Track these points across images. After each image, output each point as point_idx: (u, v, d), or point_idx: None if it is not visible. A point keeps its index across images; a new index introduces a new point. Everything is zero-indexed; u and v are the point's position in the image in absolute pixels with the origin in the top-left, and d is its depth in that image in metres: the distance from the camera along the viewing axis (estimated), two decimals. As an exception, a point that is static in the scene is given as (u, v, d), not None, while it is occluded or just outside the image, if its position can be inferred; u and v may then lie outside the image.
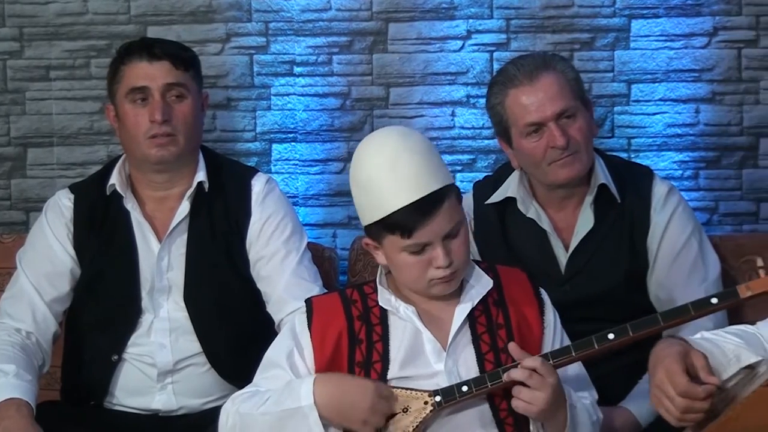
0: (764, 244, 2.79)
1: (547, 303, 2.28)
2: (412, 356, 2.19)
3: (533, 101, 2.55)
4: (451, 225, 2.14)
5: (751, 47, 3.10)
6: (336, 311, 2.23)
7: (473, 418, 2.17)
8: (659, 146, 3.14)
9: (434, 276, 2.16)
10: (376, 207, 2.15)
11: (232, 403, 2.19)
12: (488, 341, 2.21)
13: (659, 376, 1.86)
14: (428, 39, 3.16)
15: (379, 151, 2.17)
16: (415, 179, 2.12)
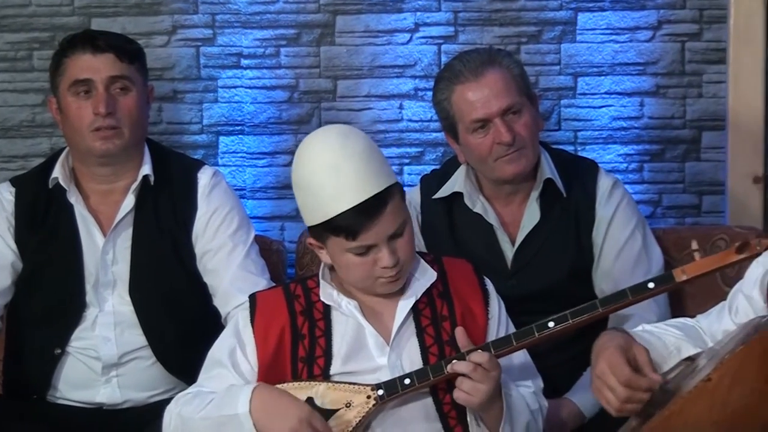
0: (706, 236, 2.82)
1: (491, 293, 2.29)
2: (355, 351, 2.19)
3: (479, 98, 2.56)
4: (395, 225, 2.14)
5: (694, 41, 3.13)
6: (279, 307, 2.22)
7: (416, 411, 2.18)
8: (605, 139, 3.16)
9: (380, 275, 2.16)
10: (319, 209, 2.14)
11: (176, 404, 2.19)
12: (432, 334, 2.21)
13: (601, 366, 1.87)
14: (376, 32, 3.16)
15: (320, 153, 2.14)
16: (358, 182, 2.11)
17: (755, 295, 1.98)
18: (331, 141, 2.15)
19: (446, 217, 2.71)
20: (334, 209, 2.11)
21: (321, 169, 2.12)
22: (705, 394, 1.68)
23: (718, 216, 3.11)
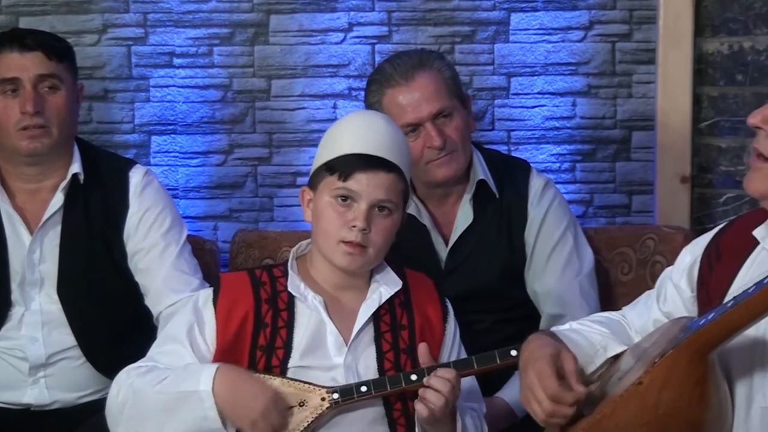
0: (635, 236, 2.86)
1: (450, 313, 2.30)
2: (314, 346, 2.18)
3: (409, 102, 2.56)
4: (385, 195, 2.17)
5: (624, 41, 3.15)
6: (245, 291, 2.20)
7: (366, 416, 2.18)
8: (538, 139, 3.18)
9: (346, 237, 2.15)
10: (331, 150, 2.19)
11: (127, 375, 2.14)
12: (390, 340, 2.21)
13: (530, 378, 1.89)
14: (310, 31, 3.15)
15: (362, 113, 2.33)
16: (380, 140, 2.18)
17: (683, 284, 2.01)
18: (379, 115, 2.30)
19: (379, 218, 2.71)
20: (344, 149, 2.17)
21: (356, 120, 2.24)
22: (636, 397, 1.70)
23: (647, 216, 3.14)
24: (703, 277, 1.96)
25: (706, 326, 1.67)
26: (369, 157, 2.16)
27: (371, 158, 2.16)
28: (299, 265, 2.26)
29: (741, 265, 1.89)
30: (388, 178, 2.17)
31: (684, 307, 2.00)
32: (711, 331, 1.67)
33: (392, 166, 2.17)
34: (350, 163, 2.15)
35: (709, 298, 1.91)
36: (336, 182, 2.16)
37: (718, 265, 1.94)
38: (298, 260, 2.27)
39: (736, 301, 1.64)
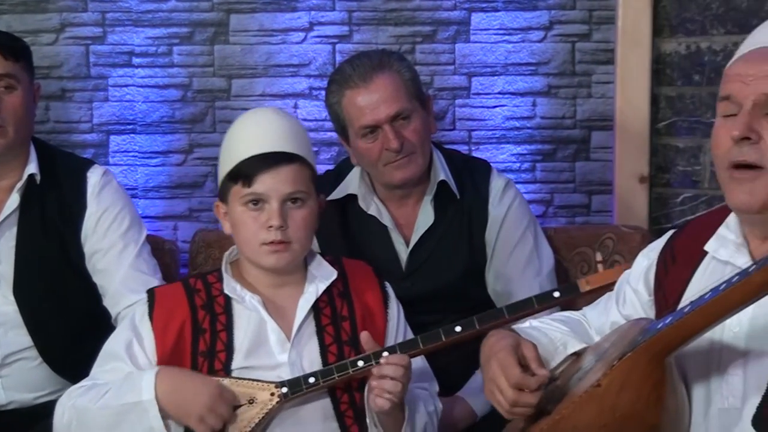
0: (595, 235, 2.88)
1: (391, 296, 2.31)
2: (257, 346, 2.19)
3: (367, 103, 2.56)
4: (292, 188, 2.17)
5: (584, 41, 3.16)
6: (179, 301, 2.21)
7: (315, 411, 2.18)
8: (498, 139, 3.19)
9: (265, 239, 2.16)
10: (230, 159, 2.19)
11: (68, 397, 2.14)
12: (332, 333, 2.22)
13: (493, 369, 1.89)
14: (270, 30, 3.14)
15: (252, 112, 2.27)
16: (272, 135, 2.18)
17: (640, 288, 2.03)
18: (266, 109, 2.31)
19: (340, 219, 2.71)
20: (242, 155, 2.17)
21: (245, 123, 2.23)
22: (594, 399, 1.72)
23: (606, 215, 3.16)
24: (660, 279, 1.98)
25: (664, 330, 1.69)
26: (265, 155, 2.16)
27: (268, 156, 2.16)
28: (232, 269, 2.26)
29: (694, 272, 1.91)
30: (291, 169, 2.17)
31: (642, 310, 2.02)
32: (668, 335, 1.69)
33: (292, 157, 2.18)
34: (249, 167, 2.16)
35: (666, 300, 1.93)
36: (242, 190, 2.17)
37: (674, 268, 1.96)
38: (231, 265, 2.27)
39: (693, 306, 1.66)
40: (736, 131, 1.74)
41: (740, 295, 1.59)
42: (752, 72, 1.76)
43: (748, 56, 1.80)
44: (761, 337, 1.73)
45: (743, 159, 1.75)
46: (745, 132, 1.73)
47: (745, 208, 1.76)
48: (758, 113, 1.74)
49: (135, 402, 2.08)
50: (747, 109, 1.75)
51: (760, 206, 1.75)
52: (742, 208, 1.77)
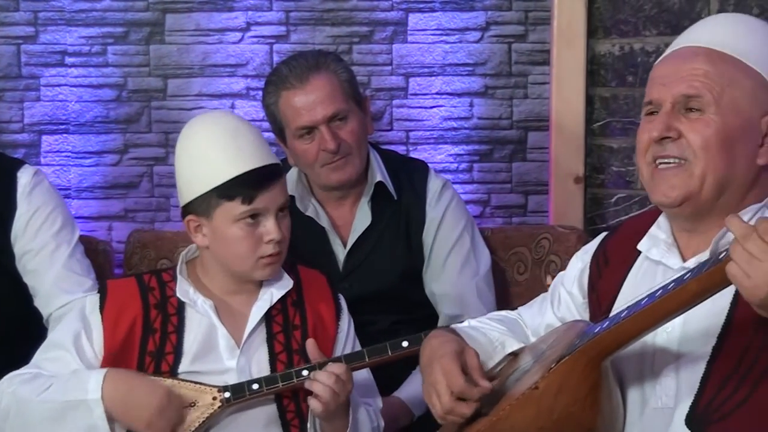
0: (531, 236, 2.89)
1: (343, 308, 2.31)
2: (205, 351, 2.17)
3: (304, 104, 2.56)
4: (284, 198, 2.18)
5: (520, 42, 3.17)
6: (132, 296, 2.19)
7: (259, 417, 2.18)
8: (436, 139, 3.19)
9: (264, 253, 2.15)
10: (213, 174, 2.14)
11: (9, 382, 2.10)
12: (283, 341, 2.22)
13: (435, 374, 1.90)
14: (207, 30, 3.12)
15: (216, 123, 2.20)
16: (257, 148, 2.17)
17: (575, 290, 2.05)
18: (225, 114, 2.33)
19: (278, 219, 2.70)
20: (232, 172, 2.13)
21: (220, 136, 2.17)
22: (532, 402, 1.73)
23: (542, 215, 3.18)
24: (593, 282, 2.00)
25: (601, 335, 1.71)
26: (259, 170, 2.15)
27: (265, 170, 2.16)
28: (189, 269, 2.25)
29: (627, 273, 1.93)
30: (281, 181, 2.19)
31: (577, 312, 2.04)
32: (605, 339, 1.71)
33: (277, 169, 2.19)
34: (249, 185, 2.14)
35: (600, 303, 1.96)
36: (239, 207, 2.14)
37: (606, 270, 1.98)
38: (188, 264, 2.25)
39: (629, 311, 1.68)
40: (656, 132, 1.79)
41: (675, 303, 1.62)
42: (670, 74, 1.82)
43: (667, 60, 1.86)
44: (693, 338, 1.76)
45: (665, 155, 1.80)
46: (664, 132, 1.78)
47: (668, 202, 1.80)
48: (676, 112, 1.79)
49: (80, 400, 2.05)
50: (666, 110, 1.80)
51: (681, 199, 1.79)
52: (665, 202, 1.81)
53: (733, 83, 1.80)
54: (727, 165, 1.78)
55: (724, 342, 1.72)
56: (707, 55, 1.81)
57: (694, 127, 1.78)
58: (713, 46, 1.82)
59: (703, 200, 1.79)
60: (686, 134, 1.78)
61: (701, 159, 1.77)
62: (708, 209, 1.80)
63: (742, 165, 1.80)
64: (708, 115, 1.78)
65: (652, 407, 1.80)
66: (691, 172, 1.78)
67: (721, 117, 1.78)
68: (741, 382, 1.69)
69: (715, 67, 1.80)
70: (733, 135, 1.78)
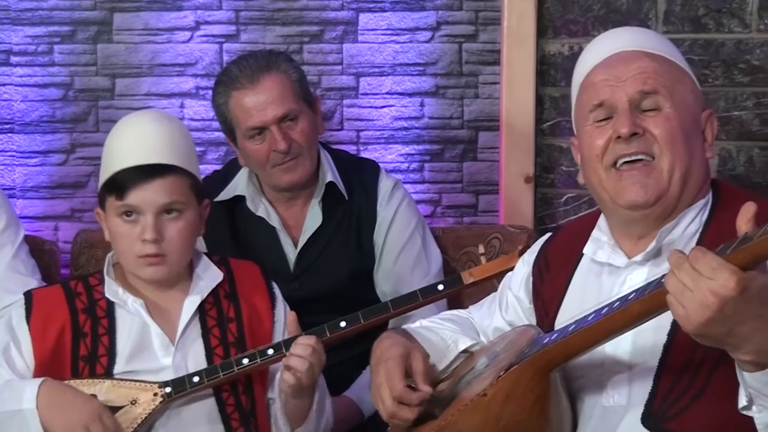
0: (482, 235, 2.89)
1: (278, 297, 2.31)
2: (140, 350, 2.17)
3: (255, 104, 2.55)
4: (167, 200, 2.14)
5: (471, 42, 3.17)
6: (58, 304, 2.18)
7: (199, 414, 2.17)
8: (387, 139, 3.19)
9: (141, 252, 2.14)
10: (106, 169, 2.17)
11: None
12: (218, 335, 2.21)
13: (380, 377, 1.91)
14: (155, 30, 3.09)
15: (131, 121, 2.23)
16: (146, 145, 2.15)
17: (522, 295, 2.06)
18: (148, 112, 2.31)
19: (228, 220, 2.69)
20: (117, 166, 2.14)
21: (122, 132, 2.20)
22: (480, 408, 1.75)
23: (493, 215, 3.18)
24: (537, 288, 2.02)
25: (549, 347, 1.72)
26: (139, 168, 2.14)
27: (141, 168, 2.14)
28: (116, 270, 2.24)
29: (571, 277, 1.94)
30: (166, 181, 2.15)
31: (524, 317, 2.06)
32: (552, 352, 1.73)
33: (166, 168, 2.16)
34: (123, 180, 2.14)
35: (545, 308, 1.97)
36: (116, 202, 2.15)
37: (548, 275, 2.00)
38: (116, 266, 2.24)
39: (576, 326, 1.69)
40: (625, 128, 1.79)
41: (619, 322, 1.64)
42: (620, 74, 1.82)
43: (609, 62, 1.86)
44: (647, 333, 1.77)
45: (632, 152, 1.79)
46: (633, 128, 1.78)
47: (641, 202, 1.80)
48: (635, 110, 1.80)
49: (16, 410, 2.03)
50: (625, 108, 1.80)
51: (654, 199, 1.79)
52: (638, 203, 1.80)
53: (678, 80, 1.83)
54: (689, 158, 1.80)
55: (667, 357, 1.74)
56: (649, 56, 1.84)
57: (656, 122, 1.79)
58: (648, 49, 1.85)
59: (671, 197, 1.80)
60: (651, 130, 1.79)
61: (667, 154, 1.79)
62: (673, 207, 1.81)
63: (698, 158, 1.83)
64: (665, 110, 1.80)
65: (602, 405, 1.81)
66: (659, 169, 1.79)
67: (677, 112, 1.80)
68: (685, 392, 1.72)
69: (661, 66, 1.83)
70: (688, 129, 1.81)
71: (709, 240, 1.77)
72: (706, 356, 1.66)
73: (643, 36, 1.92)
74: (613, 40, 1.90)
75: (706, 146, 1.85)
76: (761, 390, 1.48)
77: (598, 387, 1.82)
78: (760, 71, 2.97)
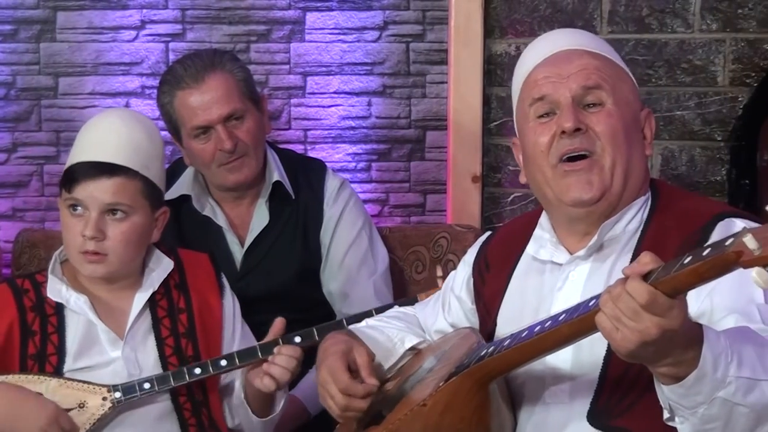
0: (429, 235, 2.91)
1: (226, 287, 2.31)
2: (88, 347, 2.15)
3: (200, 104, 2.54)
4: (113, 200, 2.13)
5: (418, 41, 3.18)
6: (6, 302, 2.16)
7: (153, 413, 2.16)
8: (334, 138, 3.18)
9: (81, 247, 2.13)
10: (69, 159, 2.18)
11: None
12: (169, 325, 2.21)
13: (323, 374, 1.92)
14: (100, 28, 3.06)
15: (100, 117, 2.24)
16: (104, 143, 2.15)
17: (464, 296, 2.06)
18: (123, 111, 2.33)
19: (174, 220, 2.64)
20: (76, 159, 2.16)
21: (93, 125, 2.22)
22: (420, 418, 1.76)
23: (440, 214, 3.19)
24: (478, 289, 2.02)
25: (486, 360, 1.73)
26: (90, 164, 2.14)
27: (93, 165, 2.14)
28: (65, 267, 2.22)
29: (511, 275, 1.95)
30: (114, 182, 2.14)
31: (466, 318, 2.06)
32: (489, 365, 1.73)
33: (117, 169, 2.15)
34: (74, 174, 2.14)
35: (487, 309, 1.98)
36: (66, 193, 2.16)
37: (489, 276, 2.00)
38: (65, 263, 2.22)
39: (512, 341, 1.70)
40: (569, 123, 1.79)
41: (551, 341, 1.65)
42: (562, 72, 1.83)
43: (553, 60, 1.87)
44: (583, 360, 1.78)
45: (575, 148, 1.80)
46: (577, 123, 1.79)
47: (587, 199, 1.80)
48: (578, 106, 1.81)
49: None
50: (568, 104, 1.81)
51: (599, 195, 1.80)
52: (584, 199, 1.80)
53: (619, 78, 1.85)
54: (630, 155, 1.81)
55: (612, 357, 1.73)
56: (591, 54, 1.85)
57: (599, 119, 1.80)
58: (589, 48, 1.86)
59: (614, 193, 1.81)
60: (593, 126, 1.80)
61: (609, 150, 1.80)
62: (616, 204, 1.82)
63: (639, 155, 1.84)
64: (608, 106, 1.81)
65: (545, 402, 1.82)
66: (601, 166, 1.80)
67: (618, 108, 1.82)
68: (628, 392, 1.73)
69: (603, 63, 1.84)
70: (629, 126, 1.82)
71: (650, 236, 1.79)
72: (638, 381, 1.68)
73: (582, 36, 1.94)
74: (553, 41, 1.91)
75: (646, 144, 1.87)
76: (679, 402, 1.50)
77: (542, 387, 1.83)
78: (702, 71, 3.01)
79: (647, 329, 1.41)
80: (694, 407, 1.49)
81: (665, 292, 1.40)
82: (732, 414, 1.48)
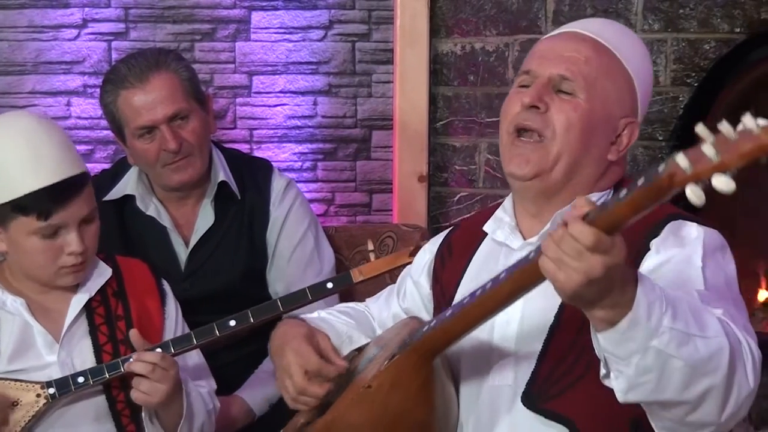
0: (375, 234, 2.90)
1: (168, 294, 2.29)
2: (23, 350, 2.13)
3: (144, 104, 2.51)
4: (87, 209, 2.12)
5: (364, 41, 3.18)
6: None
7: (88, 410, 2.15)
8: (280, 138, 3.18)
9: (65, 263, 2.11)
10: (8, 188, 2.07)
11: None
12: (107, 332, 2.18)
13: (288, 357, 1.89)
14: (41, 27, 3.03)
15: (17, 132, 2.11)
16: (57, 159, 2.09)
17: (423, 281, 2.06)
18: (27, 121, 2.14)
19: (117, 219, 2.65)
20: (27, 187, 2.07)
21: (17, 147, 2.09)
22: (366, 399, 1.76)
23: (386, 214, 3.20)
24: (437, 273, 2.03)
25: (429, 333, 1.74)
26: (57, 185, 2.09)
27: (57, 187, 2.09)
28: None
29: (470, 259, 1.96)
30: (83, 194, 2.13)
31: (422, 303, 2.06)
32: (433, 338, 1.74)
33: (78, 178, 2.13)
34: (45, 202, 2.07)
35: (443, 293, 1.98)
36: (35, 222, 2.08)
37: (450, 261, 2.01)
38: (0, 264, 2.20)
39: (453, 310, 1.71)
40: (527, 98, 1.82)
41: (493, 301, 1.65)
42: (554, 50, 1.86)
43: (554, 38, 1.91)
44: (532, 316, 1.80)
45: (527, 123, 1.82)
46: (536, 100, 1.81)
47: (519, 174, 1.83)
48: (550, 88, 1.83)
49: None
50: (541, 82, 1.83)
51: (533, 174, 1.82)
52: (517, 174, 1.83)
53: (609, 76, 1.85)
54: (581, 151, 1.82)
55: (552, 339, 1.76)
56: (593, 44, 1.86)
57: (562, 107, 1.82)
58: (600, 39, 1.87)
59: (552, 180, 1.83)
60: (553, 112, 1.82)
61: (559, 141, 1.81)
62: (554, 192, 1.84)
63: (595, 155, 1.85)
64: (577, 98, 1.82)
65: (489, 384, 1.83)
66: (546, 152, 1.81)
67: (590, 103, 1.82)
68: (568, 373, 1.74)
69: (598, 56, 1.85)
70: (594, 124, 1.83)
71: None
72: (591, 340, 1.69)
73: (604, 26, 1.93)
74: (578, 23, 1.94)
75: (613, 149, 1.86)
76: (614, 351, 1.50)
77: (486, 368, 1.83)
78: (645, 71, 3.03)
79: (592, 268, 1.41)
80: (628, 356, 1.49)
81: (605, 230, 1.41)
82: (666, 366, 1.49)
